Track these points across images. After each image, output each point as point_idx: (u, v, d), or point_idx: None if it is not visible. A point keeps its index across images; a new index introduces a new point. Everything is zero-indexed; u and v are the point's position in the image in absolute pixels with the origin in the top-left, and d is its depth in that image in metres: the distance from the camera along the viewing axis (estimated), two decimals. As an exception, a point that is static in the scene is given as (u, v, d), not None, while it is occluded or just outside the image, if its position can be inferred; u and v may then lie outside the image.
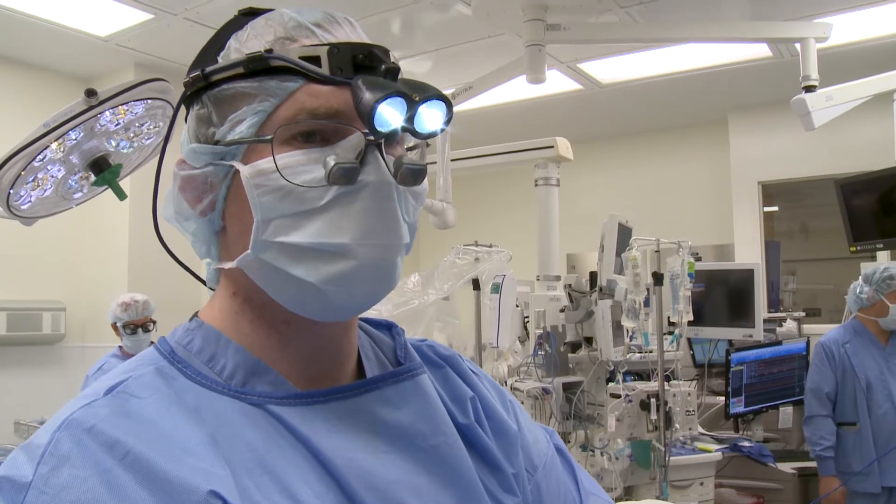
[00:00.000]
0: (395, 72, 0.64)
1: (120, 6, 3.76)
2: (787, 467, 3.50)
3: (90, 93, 1.40)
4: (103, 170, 1.55)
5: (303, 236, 0.61)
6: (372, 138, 0.61)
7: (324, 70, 0.62)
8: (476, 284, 2.97)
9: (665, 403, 2.65)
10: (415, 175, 0.63)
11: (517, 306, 2.95)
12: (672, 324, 2.91)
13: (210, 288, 0.72)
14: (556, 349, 2.75)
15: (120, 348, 3.45)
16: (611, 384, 2.81)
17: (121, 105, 1.47)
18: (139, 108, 1.53)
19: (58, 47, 4.33)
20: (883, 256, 4.28)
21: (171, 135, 0.76)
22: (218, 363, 0.65)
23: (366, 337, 0.76)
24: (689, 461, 2.93)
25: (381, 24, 3.92)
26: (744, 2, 3.90)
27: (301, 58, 0.62)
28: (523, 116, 5.56)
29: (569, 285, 2.89)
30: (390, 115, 0.61)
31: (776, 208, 6.38)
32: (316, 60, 0.62)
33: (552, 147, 3.08)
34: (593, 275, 2.87)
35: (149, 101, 1.52)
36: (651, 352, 2.87)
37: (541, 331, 2.77)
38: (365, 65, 0.63)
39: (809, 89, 2.83)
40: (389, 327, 0.79)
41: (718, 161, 5.73)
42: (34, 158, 1.40)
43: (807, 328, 4.51)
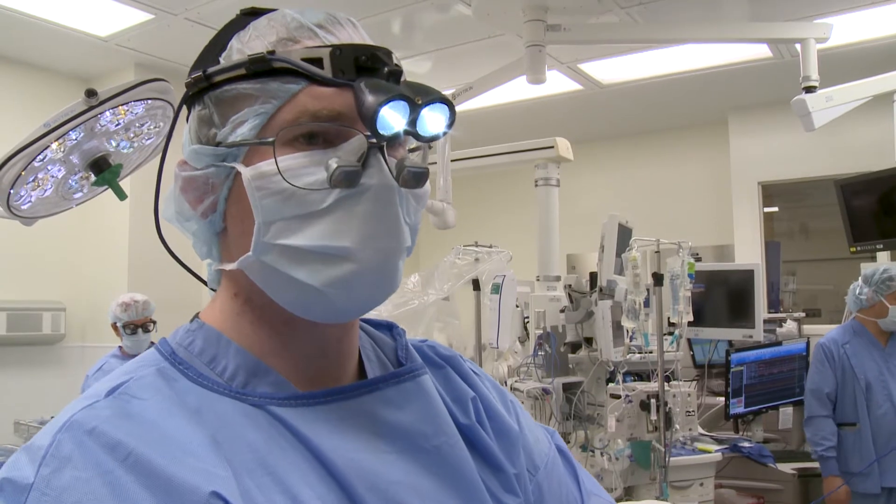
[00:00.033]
0: (398, 74, 0.64)
1: (120, 6, 3.76)
2: (787, 468, 3.50)
3: (90, 93, 1.40)
4: (103, 170, 1.54)
5: (304, 239, 0.61)
6: (374, 141, 0.61)
7: (326, 72, 0.61)
8: (476, 285, 2.97)
9: (665, 404, 2.65)
10: (417, 178, 0.63)
11: (517, 307, 2.94)
12: (672, 324, 2.91)
13: (211, 289, 0.72)
14: (556, 349, 2.75)
15: (120, 348, 3.45)
16: (611, 384, 2.81)
17: (121, 105, 1.47)
18: (139, 109, 1.53)
19: (58, 47, 4.33)
20: (883, 257, 4.28)
21: (173, 135, 0.75)
22: (219, 364, 0.64)
23: (367, 338, 0.76)
24: (689, 462, 2.93)
25: (382, 25, 3.92)
26: (744, 2, 3.90)
27: (303, 59, 0.62)
28: (523, 117, 5.56)
29: (569, 286, 2.89)
30: (393, 119, 0.60)
31: (776, 209, 6.38)
32: (318, 62, 0.62)
33: (552, 147, 3.08)
34: (593, 275, 2.87)
35: (149, 102, 1.52)
36: (651, 352, 2.86)
37: (541, 331, 2.77)
38: (367, 66, 0.62)
39: (810, 90, 2.84)
40: (390, 328, 0.79)
41: (718, 161, 5.72)
42: (34, 158, 1.40)
43: (807, 329, 4.51)
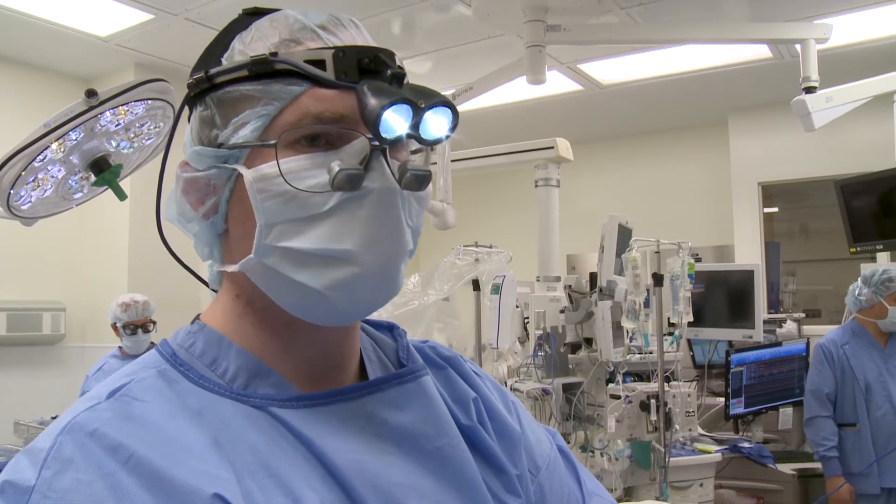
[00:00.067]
0: (401, 77, 0.63)
1: (120, 6, 3.76)
2: (787, 468, 3.50)
3: (90, 93, 1.40)
4: (103, 170, 1.54)
5: (306, 242, 0.61)
6: (376, 143, 0.61)
7: (329, 74, 0.61)
8: (476, 285, 2.97)
9: (665, 404, 2.65)
10: (419, 180, 0.63)
11: (517, 307, 2.94)
12: (672, 325, 2.91)
13: (212, 289, 0.72)
14: (556, 350, 2.75)
15: (120, 349, 3.45)
16: (611, 385, 2.81)
17: (121, 105, 1.47)
18: (139, 109, 1.53)
19: (58, 47, 4.33)
20: (883, 257, 4.28)
21: (174, 135, 0.75)
22: (220, 366, 0.64)
23: (368, 339, 0.76)
24: (689, 462, 2.93)
25: (382, 25, 3.92)
26: (744, 3, 3.90)
27: (306, 61, 0.61)
28: (523, 117, 5.55)
29: (569, 286, 2.89)
30: (396, 122, 0.60)
31: (776, 209, 6.37)
32: (321, 64, 0.61)
33: (552, 148, 3.07)
34: (593, 276, 2.86)
35: (149, 102, 1.52)
36: (651, 353, 2.86)
37: (541, 331, 2.77)
38: (370, 69, 0.62)
39: (810, 90, 2.84)
40: (391, 329, 0.79)
41: (718, 162, 5.72)
42: (34, 159, 1.40)
43: (807, 329, 4.52)
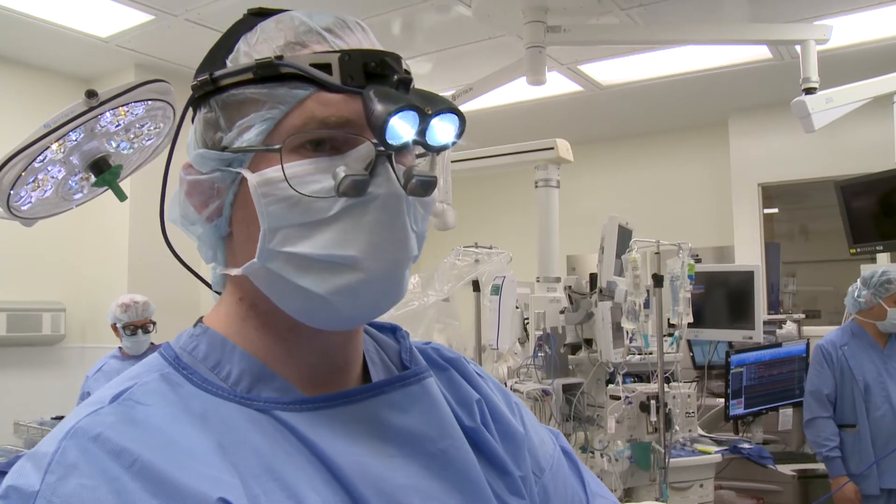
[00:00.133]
0: (408, 82, 0.63)
1: (120, 7, 3.76)
2: (787, 469, 3.50)
3: (91, 94, 1.40)
4: (104, 171, 1.54)
5: (311, 247, 0.60)
6: (382, 149, 0.60)
7: (334, 78, 0.61)
8: (476, 286, 2.97)
9: (665, 405, 2.65)
10: (425, 186, 0.62)
11: (517, 308, 2.94)
12: (672, 325, 2.91)
13: (216, 292, 0.72)
14: (556, 351, 2.75)
15: (120, 349, 3.45)
16: (610, 386, 2.81)
17: (121, 106, 1.47)
18: (140, 110, 1.52)
19: (58, 48, 4.33)
20: (883, 258, 4.28)
21: (178, 137, 0.75)
22: (223, 369, 0.64)
23: (371, 341, 0.75)
24: (689, 463, 2.93)
25: (382, 26, 3.92)
26: (744, 4, 3.90)
27: (311, 65, 0.61)
28: (523, 118, 5.56)
29: (569, 287, 2.89)
30: (402, 129, 0.60)
31: (776, 210, 6.37)
32: (327, 68, 0.61)
33: (552, 149, 3.07)
34: (593, 276, 2.86)
35: (149, 103, 1.52)
36: (651, 353, 2.87)
37: (541, 332, 2.77)
38: (377, 73, 0.61)
39: (810, 91, 2.84)
40: (394, 330, 0.78)
41: (718, 163, 5.73)
42: (35, 159, 1.40)
43: (807, 330, 4.52)
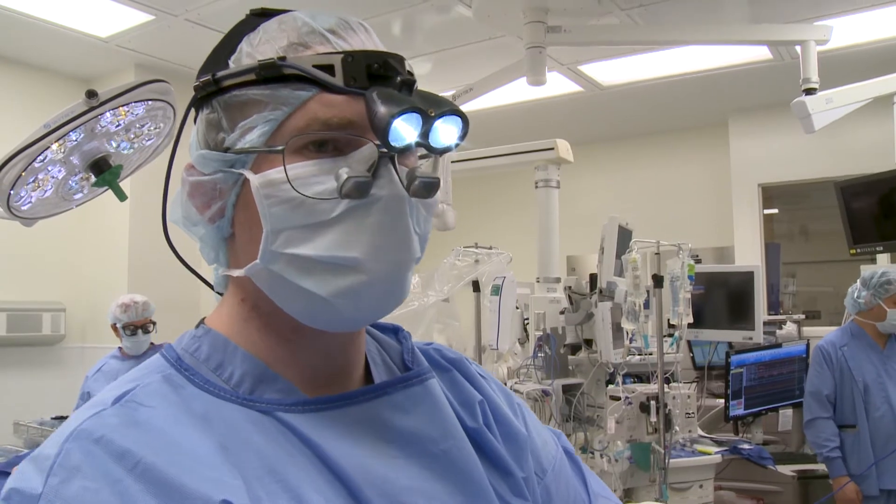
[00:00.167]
0: (411, 84, 0.63)
1: (121, 7, 3.76)
2: (787, 470, 3.50)
3: (91, 94, 1.40)
4: (104, 171, 1.54)
5: (313, 249, 0.60)
6: (385, 150, 0.60)
7: (337, 79, 0.60)
8: (476, 286, 2.97)
9: (665, 406, 2.65)
10: (427, 188, 0.62)
11: (517, 308, 2.94)
12: (672, 326, 2.91)
13: (218, 293, 0.72)
14: (556, 351, 2.75)
15: (120, 349, 3.45)
16: (610, 386, 2.81)
17: (121, 106, 1.47)
18: (140, 110, 1.52)
19: (58, 48, 4.33)
20: (883, 259, 4.28)
21: (180, 138, 0.75)
22: (225, 371, 0.64)
23: (373, 342, 0.75)
24: (689, 463, 2.93)
25: (382, 26, 3.92)
26: (744, 4, 3.90)
27: (314, 66, 0.61)
28: (524, 118, 5.56)
29: (569, 287, 2.89)
30: (405, 130, 0.60)
31: (776, 211, 6.38)
32: (329, 69, 0.61)
33: (552, 149, 3.07)
34: (593, 277, 2.86)
35: (149, 103, 1.52)
36: (651, 354, 2.87)
37: (540, 333, 2.77)
38: (380, 74, 0.61)
39: (810, 92, 2.84)
40: (396, 331, 0.78)
41: (719, 163, 5.73)
42: (35, 159, 1.40)
43: (807, 330, 4.52)
